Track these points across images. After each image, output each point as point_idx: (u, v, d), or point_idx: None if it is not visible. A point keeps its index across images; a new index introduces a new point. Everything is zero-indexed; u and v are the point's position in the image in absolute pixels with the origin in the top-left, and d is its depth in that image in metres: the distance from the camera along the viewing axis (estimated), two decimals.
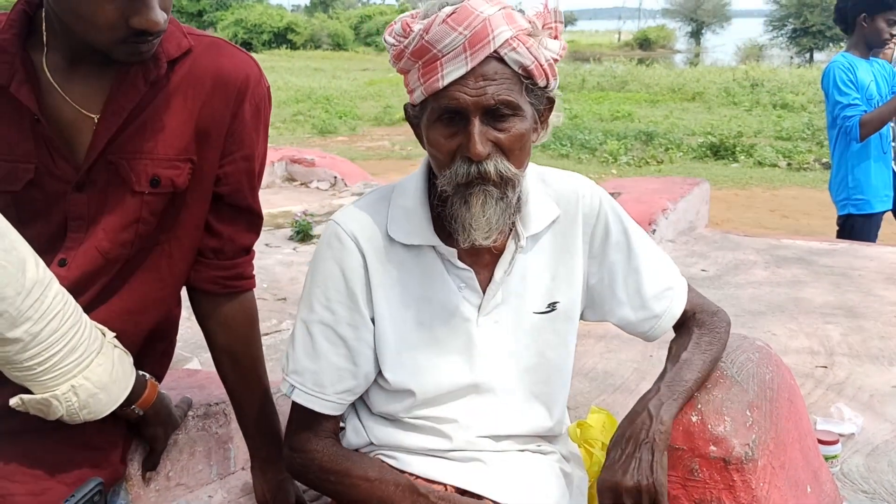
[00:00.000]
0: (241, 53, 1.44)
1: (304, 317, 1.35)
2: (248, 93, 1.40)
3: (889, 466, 2.12)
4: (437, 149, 1.23)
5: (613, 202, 1.43)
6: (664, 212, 4.32)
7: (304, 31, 42.52)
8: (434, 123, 1.22)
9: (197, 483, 1.77)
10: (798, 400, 1.58)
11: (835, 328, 3.17)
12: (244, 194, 1.47)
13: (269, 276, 4.09)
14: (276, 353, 3.00)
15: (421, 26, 1.18)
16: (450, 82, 1.17)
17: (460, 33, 1.16)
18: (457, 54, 1.16)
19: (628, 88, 19.23)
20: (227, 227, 1.48)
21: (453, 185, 1.23)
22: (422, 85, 1.20)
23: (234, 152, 1.42)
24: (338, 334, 1.33)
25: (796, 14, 40.54)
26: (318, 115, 15.05)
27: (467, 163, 1.20)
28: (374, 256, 1.32)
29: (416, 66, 1.20)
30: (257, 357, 1.60)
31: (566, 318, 1.40)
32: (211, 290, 1.51)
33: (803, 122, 12.98)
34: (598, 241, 1.40)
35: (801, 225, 6.93)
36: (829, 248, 4.33)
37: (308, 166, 6.65)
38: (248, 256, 1.54)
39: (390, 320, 1.33)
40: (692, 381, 1.32)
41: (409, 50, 1.20)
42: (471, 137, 1.18)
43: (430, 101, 1.22)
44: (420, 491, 1.29)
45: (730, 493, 1.29)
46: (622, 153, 10.90)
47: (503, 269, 1.34)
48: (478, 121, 1.19)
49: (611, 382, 2.70)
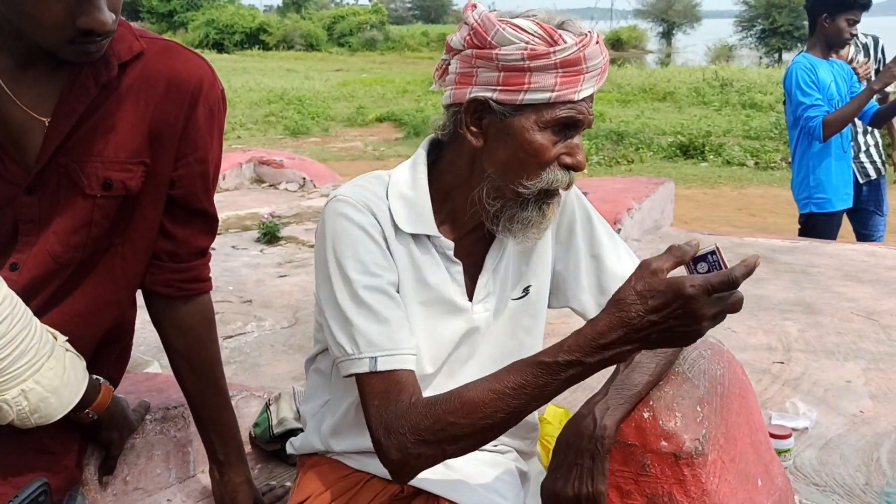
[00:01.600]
0: (195, 57, 1.44)
1: (344, 293, 1.26)
2: (201, 96, 1.41)
3: (841, 459, 2.16)
4: (540, 153, 1.25)
5: (578, 191, 1.46)
6: (629, 211, 4.37)
7: (277, 32, 42.26)
8: (544, 129, 1.25)
9: (155, 487, 1.76)
10: (750, 395, 1.60)
11: (793, 324, 3.23)
12: (198, 197, 1.47)
13: (234, 278, 4.07)
14: (241, 356, 3.00)
15: (573, 39, 1.21)
16: (583, 97, 1.24)
17: (603, 57, 1.26)
18: (595, 74, 1.24)
19: (600, 88, 19.30)
20: (182, 230, 1.48)
21: (538, 190, 1.27)
22: (555, 91, 1.22)
23: (188, 155, 1.43)
24: (387, 294, 1.28)
25: (765, 15, 41.03)
26: (290, 116, 14.99)
27: (565, 172, 1.28)
28: (386, 229, 1.31)
29: (556, 72, 1.22)
30: (214, 360, 1.60)
31: (537, 302, 1.44)
32: (166, 293, 1.51)
33: (771, 121, 13.14)
34: (564, 228, 1.45)
35: (768, 223, 7.04)
36: (790, 246, 4.40)
37: (277, 168, 6.61)
38: (203, 259, 1.54)
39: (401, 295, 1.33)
40: (642, 384, 1.33)
41: (559, 56, 1.20)
42: (580, 150, 1.28)
43: (543, 107, 1.24)
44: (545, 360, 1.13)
45: (680, 488, 1.31)
46: (593, 153, 10.98)
47: (492, 260, 1.38)
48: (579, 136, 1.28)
49: None
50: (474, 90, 1.25)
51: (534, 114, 1.24)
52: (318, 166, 7.09)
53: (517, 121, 1.25)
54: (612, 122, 13.77)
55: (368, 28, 42.45)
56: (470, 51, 1.25)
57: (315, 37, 41.94)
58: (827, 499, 1.98)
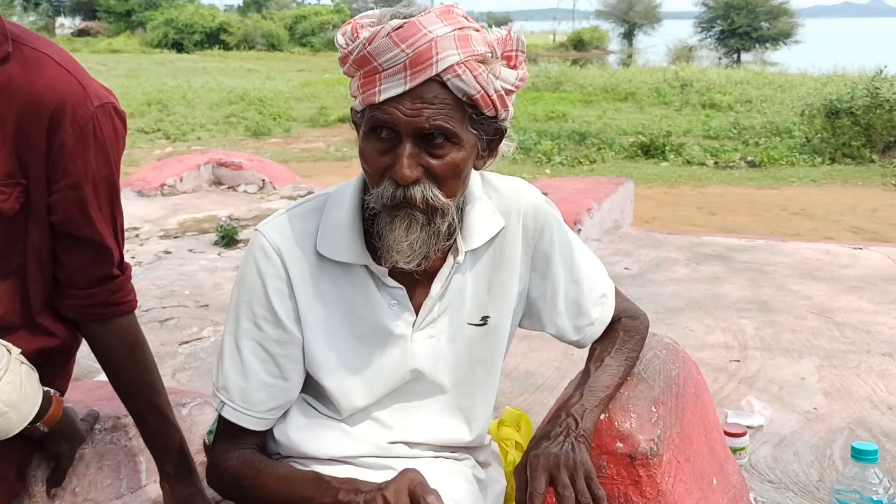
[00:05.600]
0: (62, 74, 1.31)
1: (231, 330, 1.31)
2: (65, 118, 1.29)
3: (795, 456, 2.19)
4: (367, 163, 1.19)
5: (556, 211, 1.40)
6: (589, 211, 4.40)
7: (238, 32, 41.81)
8: (368, 135, 1.17)
9: (105, 498, 1.72)
10: (704, 394, 1.62)
11: (749, 322, 3.27)
12: (77, 225, 1.36)
13: (191, 282, 4.01)
14: (196, 362, 2.96)
15: (367, 35, 1.13)
16: (386, 98, 1.12)
17: (402, 51, 1.10)
18: (396, 72, 1.11)
19: (563, 89, 19.47)
20: (70, 258, 1.39)
21: (380, 205, 1.18)
22: (360, 95, 1.16)
23: (59, 181, 1.32)
24: (266, 351, 1.29)
25: (724, 16, 41.67)
26: (251, 116, 14.83)
27: (394, 185, 1.16)
28: (301, 272, 1.27)
29: (358, 75, 1.16)
30: (143, 382, 1.54)
31: (496, 333, 1.38)
32: (74, 318, 1.45)
33: (730, 121, 13.32)
34: (541, 256, 1.37)
35: (727, 221, 7.12)
36: (748, 245, 4.47)
37: (235, 169, 6.54)
38: (108, 286, 1.44)
39: (324, 333, 1.30)
40: (613, 386, 1.34)
41: (352, 57, 1.15)
42: (399, 160, 1.13)
43: (367, 111, 1.17)
44: (324, 478, 1.25)
45: (636, 488, 1.32)
46: (556, 153, 11.03)
47: (440, 284, 1.31)
48: (409, 143, 1.14)
49: (532, 382, 2.74)
50: None
51: (363, 122, 1.18)
52: (277, 168, 7.03)
53: (361, 130, 1.20)
54: (575, 122, 13.87)
55: (331, 28, 42.18)
56: None
57: (277, 37, 41.57)
58: (781, 496, 2.01)
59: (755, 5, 40.57)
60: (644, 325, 1.48)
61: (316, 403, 1.37)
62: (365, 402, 1.33)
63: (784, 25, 41.87)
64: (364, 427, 1.36)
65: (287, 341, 1.29)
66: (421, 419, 1.37)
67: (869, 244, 4.78)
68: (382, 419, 1.37)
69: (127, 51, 37.64)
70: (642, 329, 1.47)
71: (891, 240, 5.53)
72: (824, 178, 9.18)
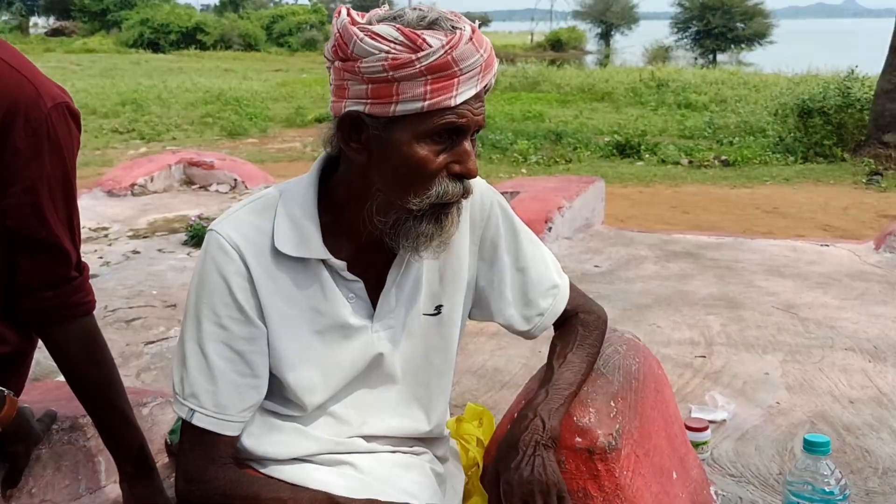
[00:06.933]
0: (12, 74, 1.29)
1: (192, 335, 1.27)
2: (17, 119, 1.27)
3: (756, 450, 2.21)
4: (422, 166, 1.18)
5: (503, 201, 1.42)
6: (560, 210, 4.42)
7: (214, 31, 41.52)
8: (423, 140, 1.17)
9: (63, 498, 1.71)
10: (665, 389, 1.63)
11: (715, 319, 3.30)
12: (34, 229, 1.34)
13: (159, 281, 3.98)
14: (162, 361, 2.93)
15: (440, 41, 1.13)
16: (462, 100, 1.16)
17: (481, 55, 1.16)
18: (473, 74, 1.16)
19: (540, 89, 19.54)
20: (26, 261, 1.37)
21: (430, 203, 1.20)
22: (426, 99, 1.14)
23: (12, 185, 1.30)
24: (233, 350, 1.27)
25: (699, 17, 42.00)
26: (227, 116, 14.73)
27: (457, 181, 1.20)
28: (260, 269, 1.26)
29: (424, 80, 1.14)
30: (102, 383, 1.52)
31: (450, 323, 1.40)
32: (30, 321, 1.43)
33: (705, 121, 13.43)
34: (488, 244, 1.40)
35: (701, 220, 7.18)
36: (716, 242, 4.51)
37: (207, 169, 6.49)
38: (64, 288, 1.42)
39: (285, 329, 1.30)
40: (576, 383, 1.35)
41: (424, 62, 1.12)
42: (468, 156, 1.19)
43: (418, 117, 1.16)
44: (339, 502, 1.25)
45: (595, 483, 1.32)
46: (532, 153, 11.07)
47: (395, 275, 1.32)
48: (469, 140, 1.20)
49: (499, 379, 2.74)
50: (348, 104, 1.18)
51: (409, 125, 1.17)
52: (249, 167, 6.99)
53: (394, 134, 1.18)
54: (552, 121, 13.91)
55: (308, 28, 42.05)
56: (338, 63, 1.18)
57: (253, 37, 41.33)
58: (742, 489, 2.03)
59: (730, 6, 40.94)
60: (602, 320, 1.49)
61: (274, 406, 1.36)
62: (325, 395, 1.33)
63: (759, 26, 42.29)
64: (321, 423, 1.36)
65: (255, 337, 1.28)
66: (378, 412, 1.38)
67: (836, 241, 4.84)
68: (339, 414, 1.37)
69: (102, 50, 37.24)
70: (601, 324, 1.48)
71: (861, 237, 5.60)
72: (797, 177, 9.27)
